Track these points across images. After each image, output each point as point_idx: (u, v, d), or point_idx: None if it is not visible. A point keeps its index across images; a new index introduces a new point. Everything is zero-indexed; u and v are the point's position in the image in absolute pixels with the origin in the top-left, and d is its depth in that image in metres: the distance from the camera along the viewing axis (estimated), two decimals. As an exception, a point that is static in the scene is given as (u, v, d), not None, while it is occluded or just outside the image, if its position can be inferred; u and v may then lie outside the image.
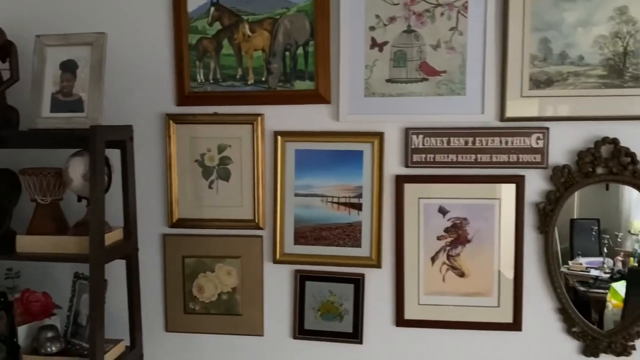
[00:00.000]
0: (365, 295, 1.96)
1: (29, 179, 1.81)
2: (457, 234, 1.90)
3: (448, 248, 1.91)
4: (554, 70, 1.79)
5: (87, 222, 1.74)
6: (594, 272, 1.89)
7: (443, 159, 1.87)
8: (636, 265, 1.85)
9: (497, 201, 1.87)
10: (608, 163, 1.79)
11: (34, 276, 2.06)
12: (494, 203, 1.87)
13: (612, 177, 1.79)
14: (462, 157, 1.86)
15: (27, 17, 2.04)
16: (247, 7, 1.92)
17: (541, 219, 1.85)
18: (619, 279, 1.87)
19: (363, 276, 1.96)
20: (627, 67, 1.77)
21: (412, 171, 1.90)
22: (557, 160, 1.84)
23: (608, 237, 1.87)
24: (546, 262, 1.85)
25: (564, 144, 1.83)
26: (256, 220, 1.99)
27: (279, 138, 1.95)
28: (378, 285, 1.96)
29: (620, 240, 1.87)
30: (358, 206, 1.94)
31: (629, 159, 1.78)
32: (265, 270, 2.02)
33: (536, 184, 1.85)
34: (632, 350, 1.84)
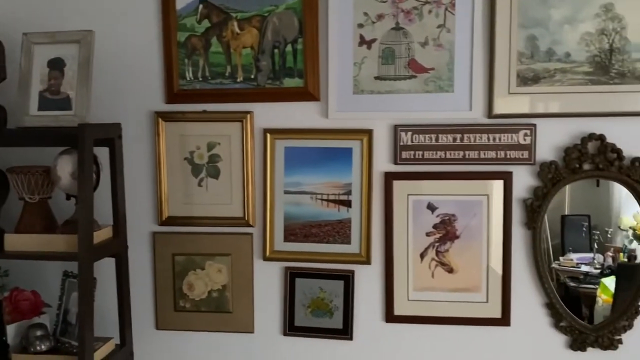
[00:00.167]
0: (355, 292, 1.97)
1: (17, 178, 1.80)
2: (446, 230, 1.91)
3: (437, 244, 1.92)
4: (541, 67, 1.80)
5: (76, 221, 1.74)
6: (585, 268, 1.90)
7: (432, 156, 1.88)
8: (626, 260, 1.86)
9: (485, 197, 1.88)
10: (594, 159, 1.80)
11: (23, 275, 2.05)
12: (482, 199, 1.89)
13: (599, 172, 1.81)
14: (451, 154, 1.87)
15: (14, 15, 2.03)
16: (235, 4, 1.92)
17: (529, 215, 1.86)
18: (608, 275, 1.88)
19: (353, 273, 1.97)
20: (612, 63, 1.78)
21: (401, 168, 1.91)
22: (545, 156, 1.85)
23: (598, 233, 1.88)
24: (534, 257, 1.87)
25: (551, 141, 1.84)
26: (246, 218, 1.99)
27: (268, 135, 1.96)
28: (368, 282, 1.97)
29: (610, 236, 1.88)
30: (347, 203, 1.94)
31: (615, 155, 1.79)
32: (255, 267, 2.02)
33: (524, 180, 1.87)
34: (619, 344, 1.86)
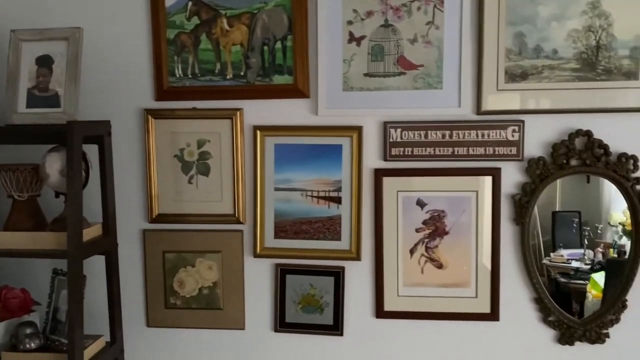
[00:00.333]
0: (345, 288, 1.98)
1: (5, 175, 1.79)
2: (435, 226, 1.92)
3: (426, 240, 1.93)
4: (529, 64, 1.82)
5: (65, 218, 1.73)
6: (575, 264, 1.92)
7: (421, 152, 1.89)
8: (615, 256, 1.88)
9: (474, 193, 1.89)
10: (582, 155, 1.82)
11: (13, 272, 2.04)
12: (471, 195, 1.90)
13: (586, 168, 1.82)
14: (440, 150, 1.88)
15: (2, 11, 2.02)
16: (224, 1, 1.92)
17: (517, 211, 1.88)
18: (598, 270, 1.90)
19: (343, 269, 1.98)
20: (599, 60, 1.79)
21: (390, 165, 1.91)
22: (533, 152, 1.86)
23: (589, 229, 1.90)
24: (522, 252, 1.88)
25: (539, 137, 1.86)
26: (236, 215, 1.99)
27: (258, 132, 1.96)
28: (358, 278, 1.98)
29: (601, 232, 1.90)
30: (337, 200, 1.95)
31: (602, 151, 1.81)
32: (245, 264, 2.03)
33: (512, 176, 1.88)
34: (606, 338, 1.88)
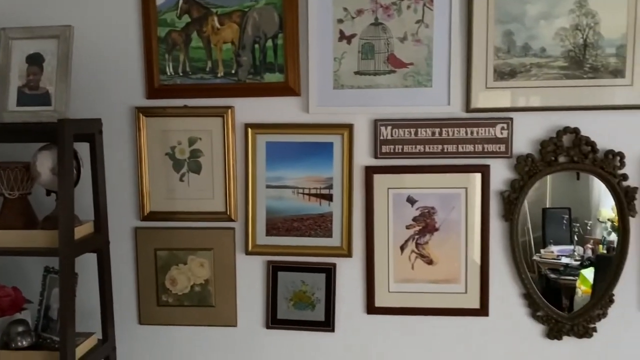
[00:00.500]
0: (336, 284, 1.99)
1: (-4, 173, 1.79)
2: (425, 223, 1.94)
3: (417, 237, 1.95)
4: (518, 62, 1.83)
5: (57, 216, 1.73)
6: (565, 260, 1.94)
7: (411, 150, 1.90)
8: (605, 252, 1.90)
9: (464, 190, 1.91)
10: (569, 152, 1.84)
11: (4, 271, 2.04)
12: (460, 192, 1.92)
13: (574, 165, 1.85)
14: (430, 148, 1.90)
15: (-8, 9, 2.02)
16: (215, -1, 1.93)
17: (506, 207, 1.90)
18: (588, 266, 1.92)
19: (334, 266, 1.99)
20: (586, 58, 1.82)
21: (381, 162, 1.93)
22: (521, 149, 1.88)
23: (578, 225, 1.92)
24: (511, 249, 1.90)
25: (527, 134, 1.88)
26: (228, 212, 2.00)
27: (249, 130, 1.96)
28: (349, 274, 1.99)
29: (590, 228, 1.92)
30: (329, 197, 1.96)
31: (589, 148, 1.83)
32: (237, 261, 2.03)
33: (501, 173, 1.90)
34: (594, 332, 1.91)
